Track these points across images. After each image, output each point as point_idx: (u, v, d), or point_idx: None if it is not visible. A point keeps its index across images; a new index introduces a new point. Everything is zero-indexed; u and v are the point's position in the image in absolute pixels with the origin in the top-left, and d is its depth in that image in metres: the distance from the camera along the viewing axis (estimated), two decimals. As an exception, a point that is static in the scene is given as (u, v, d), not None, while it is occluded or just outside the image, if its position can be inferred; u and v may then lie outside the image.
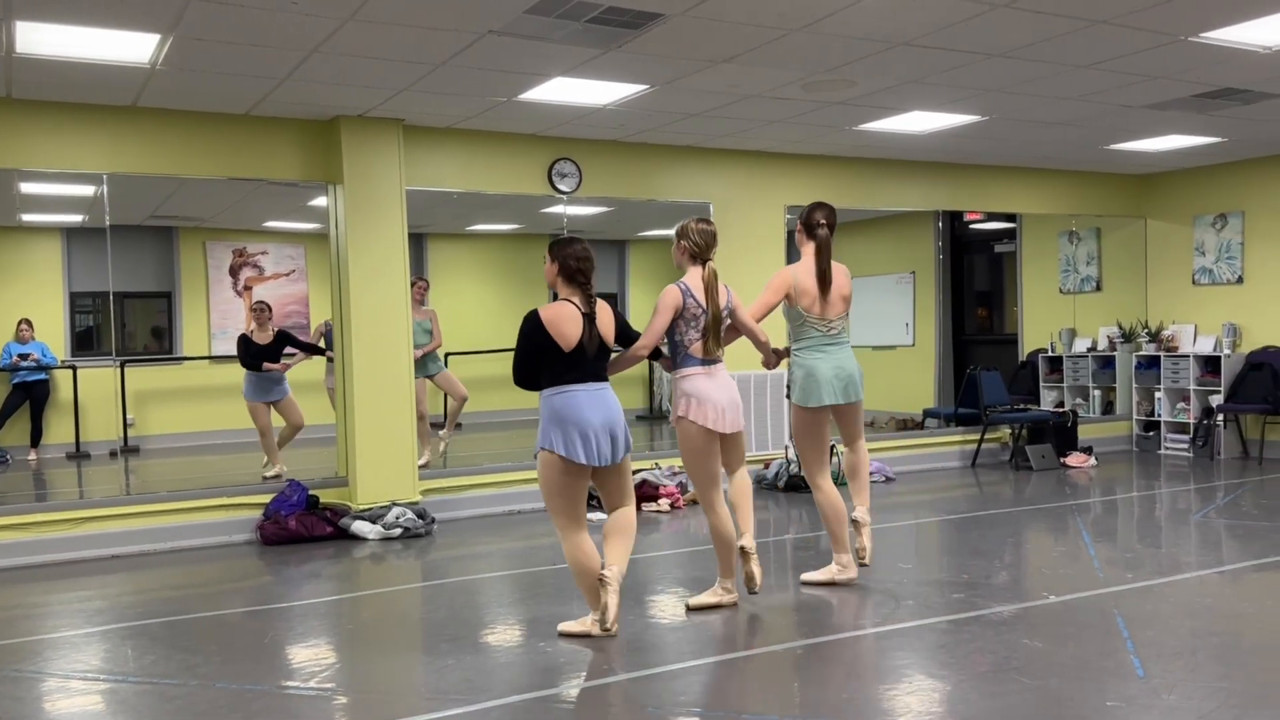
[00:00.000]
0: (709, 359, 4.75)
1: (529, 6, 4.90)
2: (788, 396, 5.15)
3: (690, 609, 4.87)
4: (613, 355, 4.61)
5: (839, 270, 5.15)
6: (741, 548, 4.84)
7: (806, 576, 5.31)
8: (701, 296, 4.71)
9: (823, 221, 5.11)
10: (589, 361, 4.36)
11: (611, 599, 4.34)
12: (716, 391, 4.71)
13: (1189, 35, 5.68)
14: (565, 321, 4.32)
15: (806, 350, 5.14)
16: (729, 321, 4.85)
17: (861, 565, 5.26)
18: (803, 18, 5.18)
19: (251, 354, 8.44)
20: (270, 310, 8.69)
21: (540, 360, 4.35)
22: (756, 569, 4.86)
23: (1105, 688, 3.70)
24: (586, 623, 4.48)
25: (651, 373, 12.95)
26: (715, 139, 8.16)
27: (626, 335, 4.70)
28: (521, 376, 4.43)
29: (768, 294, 5.12)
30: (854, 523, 5.21)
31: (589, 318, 4.36)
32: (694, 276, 4.76)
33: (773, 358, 5.19)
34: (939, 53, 5.86)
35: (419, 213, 7.83)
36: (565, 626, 4.54)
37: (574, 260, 4.38)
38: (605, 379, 4.46)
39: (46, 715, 3.79)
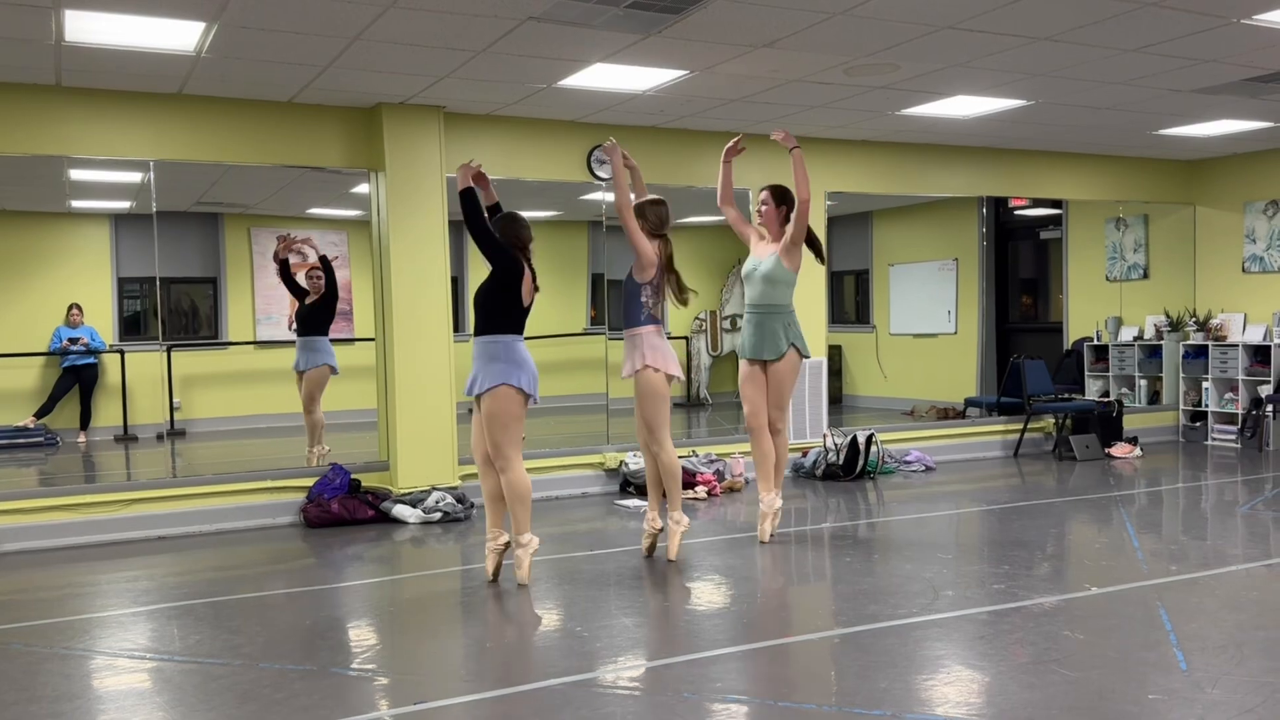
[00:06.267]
0: (657, 320, 5.51)
1: (569, -8, 4.90)
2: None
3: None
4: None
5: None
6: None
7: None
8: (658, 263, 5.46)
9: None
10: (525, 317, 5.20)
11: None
12: (666, 346, 5.52)
13: (1240, 18, 5.56)
14: (526, 282, 5.11)
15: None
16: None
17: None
18: (846, 1, 5.13)
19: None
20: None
21: (512, 309, 5.06)
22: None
23: (1147, 681, 3.66)
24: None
25: (690, 360, 12.94)
26: (755, 125, 8.11)
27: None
28: (496, 319, 5.05)
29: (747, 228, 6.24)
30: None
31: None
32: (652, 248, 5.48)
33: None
34: (984, 36, 5.79)
35: (459, 200, 7.83)
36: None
37: (527, 234, 5.19)
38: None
39: (94, 693, 3.88)
